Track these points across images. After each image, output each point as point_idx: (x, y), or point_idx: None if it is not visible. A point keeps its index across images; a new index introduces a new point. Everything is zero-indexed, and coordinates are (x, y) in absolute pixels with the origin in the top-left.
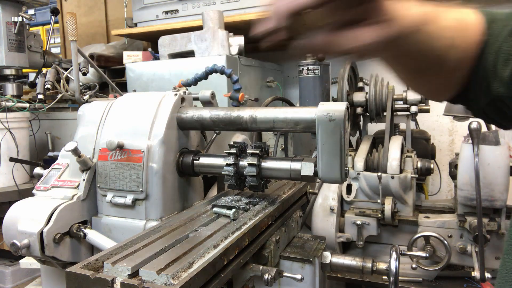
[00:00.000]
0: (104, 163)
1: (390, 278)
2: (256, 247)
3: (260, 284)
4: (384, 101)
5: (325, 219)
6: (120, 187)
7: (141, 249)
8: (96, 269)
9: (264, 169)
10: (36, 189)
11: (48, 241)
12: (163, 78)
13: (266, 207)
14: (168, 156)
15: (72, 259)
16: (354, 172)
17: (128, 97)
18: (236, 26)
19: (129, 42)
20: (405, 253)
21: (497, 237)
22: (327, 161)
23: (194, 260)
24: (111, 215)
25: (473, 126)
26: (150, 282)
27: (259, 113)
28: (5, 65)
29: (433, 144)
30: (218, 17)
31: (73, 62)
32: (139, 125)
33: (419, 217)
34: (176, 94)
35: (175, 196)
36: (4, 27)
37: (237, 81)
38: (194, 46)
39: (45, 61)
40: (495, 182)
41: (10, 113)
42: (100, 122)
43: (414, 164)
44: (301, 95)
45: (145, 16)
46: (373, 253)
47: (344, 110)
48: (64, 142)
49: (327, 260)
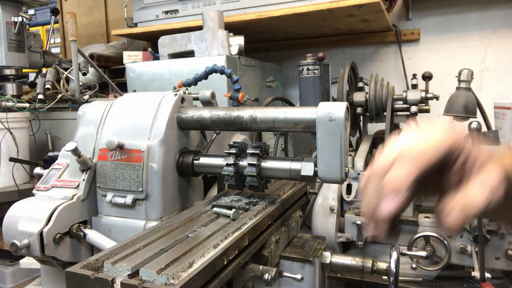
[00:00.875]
0: (104, 163)
1: (390, 278)
2: (256, 247)
3: (260, 284)
4: (384, 101)
5: (325, 219)
6: (120, 187)
7: (141, 249)
8: (96, 269)
9: (264, 169)
10: (36, 189)
11: (48, 241)
12: (163, 78)
13: (266, 207)
14: (168, 156)
15: (72, 259)
16: (354, 172)
17: (128, 97)
18: (236, 26)
19: (129, 42)
20: (405, 253)
21: (497, 237)
22: (327, 161)
23: (194, 260)
24: (111, 215)
25: (473, 126)
26: (150, 282)
27: (259, 113)
28: (5, 65)
29: None
30: (218, 17)
31: (73, 62)
32: (139, 125)
33: (419, 217)
34: (176, 94)
35: (175, 196)
36: (4, 27)
37: (237, 81)
38: (194, 46)
39: (45, 61)
40: None
41: (10, 113)
42: (100, 122)
43: None
44: (301, 95)
45: (145, 16)
46: (373, 253)
47: (344, 110)
48: (64, 142)
49: (327, 260)
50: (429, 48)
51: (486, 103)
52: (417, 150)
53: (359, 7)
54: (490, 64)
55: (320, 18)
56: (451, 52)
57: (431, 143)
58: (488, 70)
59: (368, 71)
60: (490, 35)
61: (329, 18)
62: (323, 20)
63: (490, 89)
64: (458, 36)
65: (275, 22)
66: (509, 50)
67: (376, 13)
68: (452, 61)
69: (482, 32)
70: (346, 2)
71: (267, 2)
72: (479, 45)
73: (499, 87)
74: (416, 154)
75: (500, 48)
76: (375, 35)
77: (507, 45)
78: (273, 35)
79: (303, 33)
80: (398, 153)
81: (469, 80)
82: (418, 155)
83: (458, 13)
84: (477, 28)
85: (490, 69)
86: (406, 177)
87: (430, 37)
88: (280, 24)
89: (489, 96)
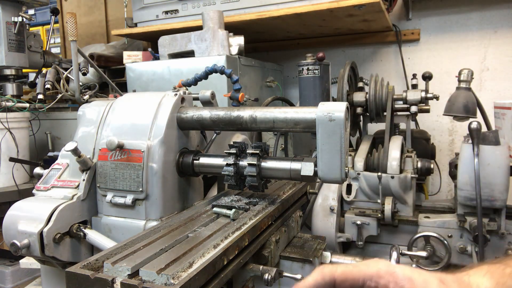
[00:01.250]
0: (104, 163)
1: None
2: (256, 247)
3: (260, 284)
4: (384, 101)
5: (325, 219)
6: (120, 187)
7: (141, 249)
8: (96, 269)
9: (264, 169)
10: (36, 189)
11: (48, 241)
12: (163, 78)
13: (266, 207)
14: (168, 156)
15: (72, 259)
16: (354, 172)
17: (128, 97)
18: (236, 26)
19: (129, 42)
20: (405, 253)
21: (497, 237)
22: (327, 161)
23: (194, 260)
24: (111, 215)
25: (473, 126)
26: (150, 282)
27: (259, 113)
28: (5, 65)
29: (433, 144)
30: (218, 17)
31: (73, 62)
32: (139, 125)
33: (419, 217)
34: (176, 94)
35: (175, 196)
36: (4, 27)
37: (237, 81)
38: (194, 46)
39: (45, 61)
40: (495, 182)
41: (10, 113)
42: (100, 122)
43: (414, 164)
44: (301, 95)
45: (145, 16)
46: (373, 253)
47: (344, 110)
48: (64, 142)
49: (327, 260)
50: (429, 48)
51: (486, 103)
52: (330, 267)
53: (359, 7)
54: (490, 64)
55: (320, 18)
56: (451, 52)
57: (349, 267)
58: (488, 70)
59: (368, 71)
60: (490, 35)
61: (329, 18)
62: (323, 20)
63: (490, 89)
64: (458, 36)
65: (275, 22)
66: (509, 50)
67: (376, 13)
68: (452, 61)
69: (482, 32)
70: (346, 2)
71: (267, 2)
72: (479, 45)
73: (499, 87)
74: (326, 268)
75: (500, 48)
76: (375, 35)
77: (507, 45)
78: (273, 35)
79: (303, 33)
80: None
81: (469, 80)
82: (326, 268)
83: (458, 13)
84: (477, 28)
85: (490, 69)
86: (307, 282)
87: (430, 37)
88: (280, 24)
89: (489, 96)
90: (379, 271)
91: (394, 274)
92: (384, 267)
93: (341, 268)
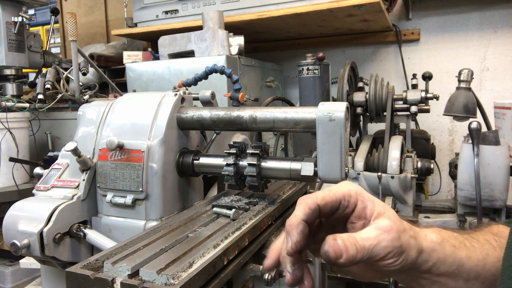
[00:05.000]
0: (104, 163)
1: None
2: (256, 247)
3: (260, 284)
4: (384, 101)
5: None
6: (120, 187)
7: (141, 249)
8: (96, 269)
9: (264, 169)
10: (36, 189)
11: (48, 241)
12: (163, 78)
13: (266, 207)
14: (168, 156)
15: (72, 259)
16: (354, 172)
17: (128, 97)
18: (236, 26)
19: (129, 42)
20: None
21: None
22: (327, 161)
23: (194, 260)
24: (111, 215)
25: (473, 126)
26: (150, 282)
27: (259, 113)
28: (5, 65)
29: (433, 144)
30: (218, 17)
31: (73, 62)
32: (139, 125)
33: (419, 217)
34: (176, 94)
35: (175, 196)
36: (4, 27)
37: (237, 81)
38: (194, 46)
39: (45, 61)
40: (495, 182)
41: (10, 113)
42: (100, 122)
43: (414, 164)
44: (301, 95)
45: (145, 16)
46: None
47: (344, 110)
48: (64, 142)
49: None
50: (429, 48)
51: (486, 103)
52: (310, 196)
53: (359, 7)
54: (490, 64)
55: (320, 18)
56: (451, 52)
57: (325, 192)
58: (488, 70)
59: (368, 71)
60: (490, 35)
61: (329, 18)
62: (323, 20)
63: (490, 89)
64: (458, 36)
65: (275, 22)
66: (509, 50)
67: (376, 13)
68: (452, 61)
69: (482, 32)
70: (346, 2)
71: (267, 2)
72: (479, 45)
73: (499, 87)
74: (308, 198)
75: (500, 48)
76: (375, 35)
77: (507, 45)
78: (273, 35)
79: (303, 33)
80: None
81: (469, 80)
82: (308, 199)
83: (458, 13)
84: (477, 28)
85: (490, 69)
86: (297, 215)
87: (430, 37)
88: (280, 24)
89: (489, 96)
90: (349, 191)
91: (361, 194)
92: (353, 188)
93: (320, 194)
